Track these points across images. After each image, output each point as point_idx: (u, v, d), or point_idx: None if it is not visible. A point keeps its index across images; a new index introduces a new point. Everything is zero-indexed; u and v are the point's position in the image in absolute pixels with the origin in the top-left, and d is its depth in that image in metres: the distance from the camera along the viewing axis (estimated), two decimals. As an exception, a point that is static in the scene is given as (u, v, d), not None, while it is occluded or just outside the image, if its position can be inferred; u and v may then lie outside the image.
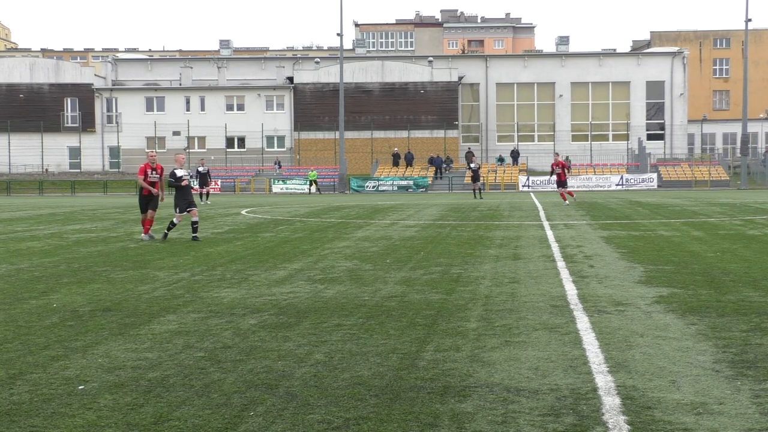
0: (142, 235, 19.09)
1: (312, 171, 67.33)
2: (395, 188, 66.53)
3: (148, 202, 18.94)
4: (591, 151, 76.92)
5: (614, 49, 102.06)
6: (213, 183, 52.43)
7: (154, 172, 19.01)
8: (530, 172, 71.61)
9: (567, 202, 34.57)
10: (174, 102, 79.90)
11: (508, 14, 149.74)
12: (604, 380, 6.18)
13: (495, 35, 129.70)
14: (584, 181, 66.40)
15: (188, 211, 18.66)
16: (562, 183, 34.49)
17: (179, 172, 18.77)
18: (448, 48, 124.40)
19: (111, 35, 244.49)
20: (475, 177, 46.78)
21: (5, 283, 12.02)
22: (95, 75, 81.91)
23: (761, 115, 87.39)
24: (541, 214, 28.27)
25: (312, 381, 6.26)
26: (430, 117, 77.62)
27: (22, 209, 36.80)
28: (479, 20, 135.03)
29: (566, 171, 34.98)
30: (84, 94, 79.61)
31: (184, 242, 18.39)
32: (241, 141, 79.24)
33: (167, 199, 20.45)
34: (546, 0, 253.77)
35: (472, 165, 48.37)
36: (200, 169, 42.85)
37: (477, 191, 46.35)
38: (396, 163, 73.13)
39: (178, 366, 6.77)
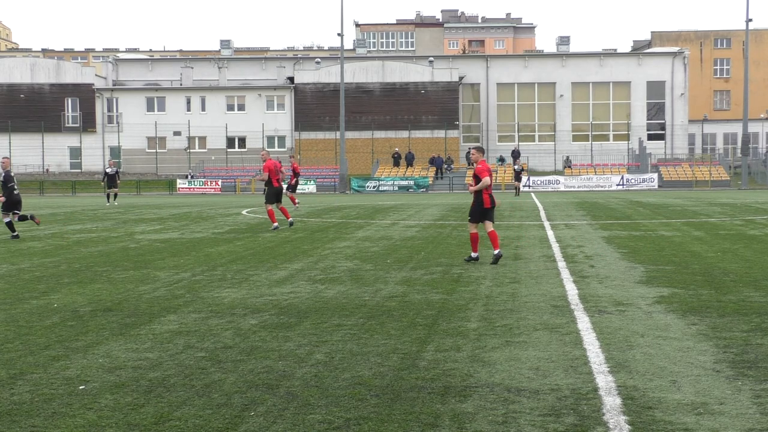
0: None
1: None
2: (396, 188, 66.48)
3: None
4: (592, 151, 76.86)
5: (615, 49, 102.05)
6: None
7: None
8: (531, 172, 71.57)
9: (297, 206, 32.40)
10: (175, 102, 79.87)
11: (508, 14, 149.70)
12: (604, 380, 6.18)
13: (496, 35, 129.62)
14: (585, 181, 66.35)
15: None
16: (291, 186, 33.98)
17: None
18: (449, 48, 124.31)
19: (112, 35, 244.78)
20: (518, 177, 51.22)
21: (6, 283, 12.02)
22: (96, 75, 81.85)
23: (762, 115, 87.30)
24: (542, 214, 28.26)
25: (313, 381, 6.26)
26: (431, 117, 77.55)
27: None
28: (480, 20, 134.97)
29: (297, 175, 34.99)
30: (85, 94, 79.57)
31: (184, 242, 18.38)
32: (242, 141, 79.19)
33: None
34: (546, 0, 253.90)
35: (515, 166, 52.19)
36: (108, 170, 41.32)
37: (517, 189, 50.87)
38: (397, 164, 73.07)
39: (178, 366, 6.77)
